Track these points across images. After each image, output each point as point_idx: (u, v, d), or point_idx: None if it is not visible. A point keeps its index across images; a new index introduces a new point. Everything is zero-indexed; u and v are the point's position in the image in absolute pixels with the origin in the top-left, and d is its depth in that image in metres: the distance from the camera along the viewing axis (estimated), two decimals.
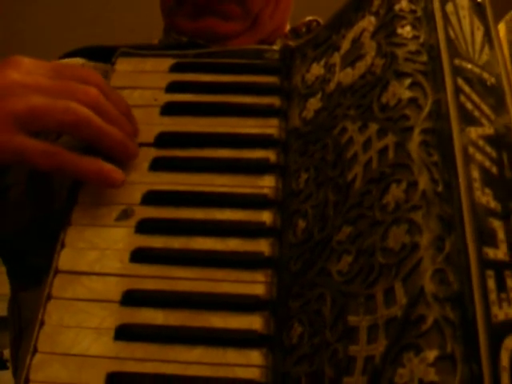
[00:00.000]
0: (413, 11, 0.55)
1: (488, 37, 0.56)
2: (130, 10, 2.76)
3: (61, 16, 2.79)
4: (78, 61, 0.79)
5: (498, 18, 0.58)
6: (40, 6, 2.79)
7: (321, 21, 0.81)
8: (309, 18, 0.82)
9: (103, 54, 0.78)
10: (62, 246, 0.56)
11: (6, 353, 3.00)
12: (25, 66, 0.55)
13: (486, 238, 0.43)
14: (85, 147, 0.57)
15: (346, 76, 0.56)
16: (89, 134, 0.55)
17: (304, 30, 0.82)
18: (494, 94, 0.52)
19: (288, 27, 0.84)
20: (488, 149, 0.48)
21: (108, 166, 0.56)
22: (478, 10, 0.57)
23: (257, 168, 0.59)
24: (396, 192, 0.45)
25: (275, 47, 0.68)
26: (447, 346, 0.39)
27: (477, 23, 0.56)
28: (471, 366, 0.38)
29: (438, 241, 0.42)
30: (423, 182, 0.45)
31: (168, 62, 0.68)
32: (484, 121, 0.50)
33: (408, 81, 0.50)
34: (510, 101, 0.52)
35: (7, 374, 2.82)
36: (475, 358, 0.38)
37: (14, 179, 0.67)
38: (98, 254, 0.55)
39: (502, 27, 0.66)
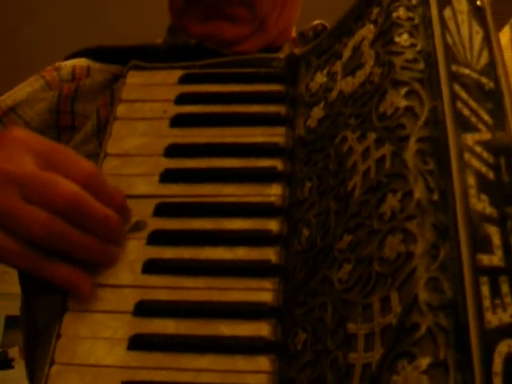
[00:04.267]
0: (410, 19, 0.55)
1: (487, 41, 0.56)
2: (133, 10, 2.78)
3: (64, 16, 2.81)
4: (83, 62, 0.80)
5: (503, 21, 0.58)
6: (45, 8, 2.82)
7: (326, 24, 0.82)
8: (316, 21, 0.83)
9: (108, 55, 0.79)
10: None
11: (11, 352, 3.04)
12: (14, 150, 0.54)
13: (480, 244, 0.44)
14: None
15: (347, 85, 0.57)
16: (61, 247, 0.54)
17: (311, 33, 0.82)
18: (492, 98, 0.53)
19: (294, 32, 0.85)
20: (485, 154, 0.49)
21: (75, 275, 0.55)
22: (478, 13, 0.58)
23: (264, 177, 0.61)
24: (392, 201, 0.46)
25: (282, 55, 0.69)
26: (440, 353, 0.39)
27: (476, 27, 0.57)
28: (464, 372, 0.39)
29: (433, 249, 0.43)
30: (418, 191, 0.45)
31: (177, 74, 0.69)
32: (481, 126, 0.50)
33: (404, 89, 0.51)
34: (509, 104, 0.53)
35: (12, 373, 2.87)
36: (468, 365, 0.39)
37: None
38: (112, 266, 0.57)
39: (507, 30, 0.65)
